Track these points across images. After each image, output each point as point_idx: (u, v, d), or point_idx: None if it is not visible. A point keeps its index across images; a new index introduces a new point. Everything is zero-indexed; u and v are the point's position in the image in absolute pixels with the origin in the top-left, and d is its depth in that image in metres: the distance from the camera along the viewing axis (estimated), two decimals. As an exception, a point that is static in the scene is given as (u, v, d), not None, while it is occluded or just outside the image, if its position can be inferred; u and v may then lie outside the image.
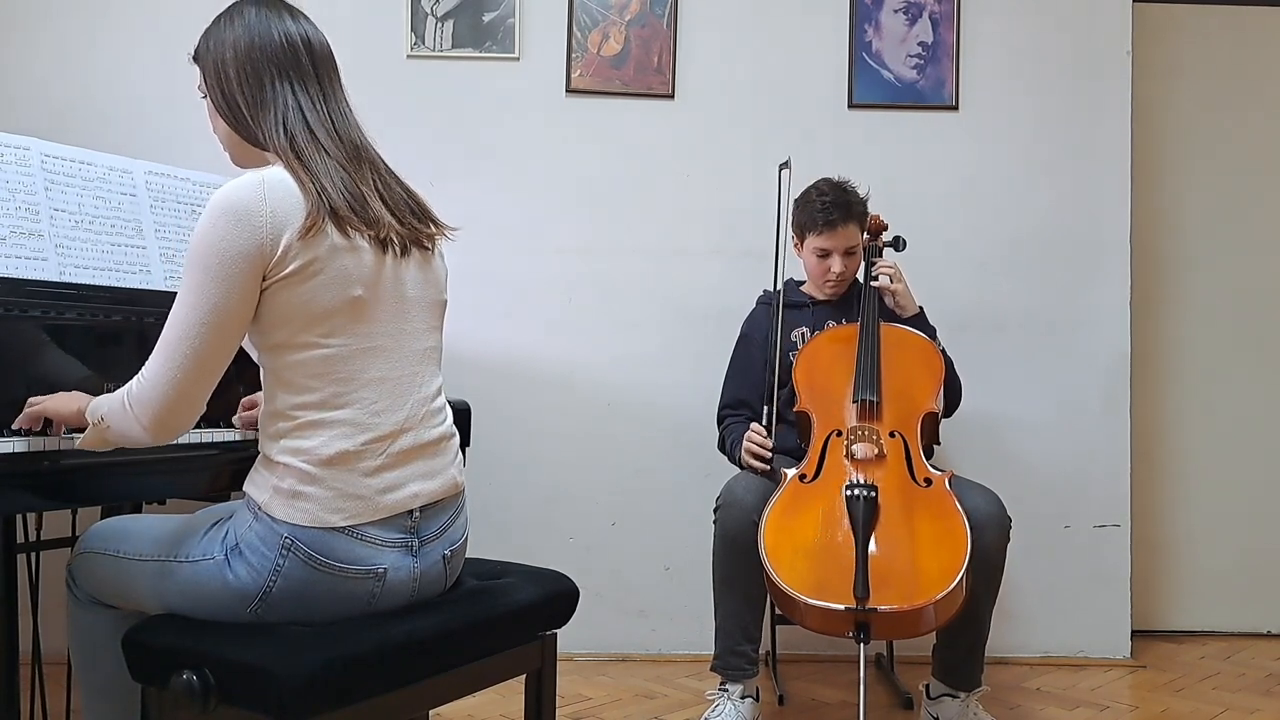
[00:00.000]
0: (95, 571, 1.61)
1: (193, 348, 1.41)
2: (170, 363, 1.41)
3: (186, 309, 1.42)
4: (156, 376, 1.41)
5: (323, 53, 1.60)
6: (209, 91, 1.59)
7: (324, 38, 1.62)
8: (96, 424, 1.46)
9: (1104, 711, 2.68)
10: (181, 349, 1.41)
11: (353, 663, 1.41)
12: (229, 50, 1.55)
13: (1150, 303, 3.36)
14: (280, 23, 1.57)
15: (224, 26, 1.57)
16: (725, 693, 2.40)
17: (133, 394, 1.43)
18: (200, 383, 1.43)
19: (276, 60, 1.54)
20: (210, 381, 1.45)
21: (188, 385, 1.41)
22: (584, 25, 3.11)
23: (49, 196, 1.85)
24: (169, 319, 1.43)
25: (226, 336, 1.43)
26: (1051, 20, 3.17)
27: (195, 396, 1.43)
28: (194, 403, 1.44)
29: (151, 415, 1.41)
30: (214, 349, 1.42)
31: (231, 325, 1.43)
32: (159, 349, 1.43)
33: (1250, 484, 3.40)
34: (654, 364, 2.89)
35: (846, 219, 2.58)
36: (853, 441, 2.33)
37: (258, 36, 1.55)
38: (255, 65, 1.54)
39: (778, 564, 2.13)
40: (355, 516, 1.47)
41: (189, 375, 1.41)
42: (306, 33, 1.59)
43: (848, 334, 2.51)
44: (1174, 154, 3.39)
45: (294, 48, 1.56)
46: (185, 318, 1.41)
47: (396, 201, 1.58)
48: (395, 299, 1.54)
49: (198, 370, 1.41)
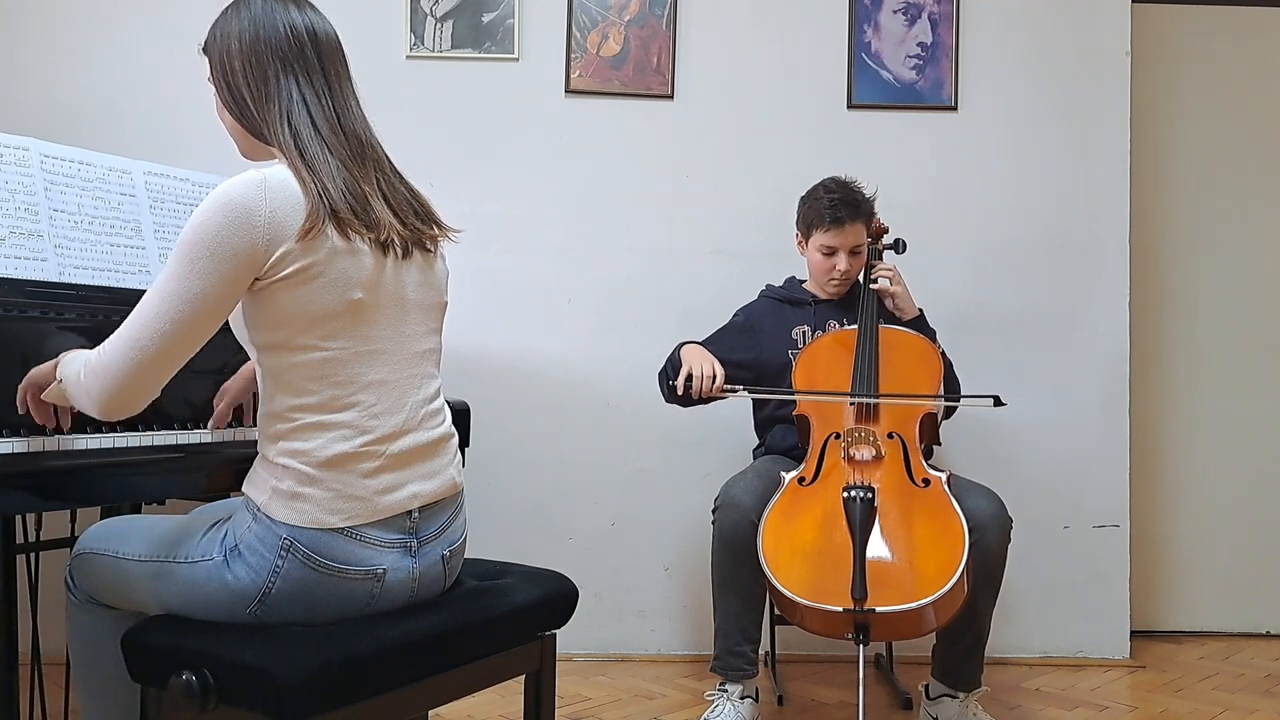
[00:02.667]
0: (94, 572, 1.61)
1: (161, 332, 1.38)
2: (134, 343, 1.39)
3: (164, 294, 1.39)
4: (117, 353, 1.40)
5: (329, 45, 1.58)
6: (215, 84, 1.57)
7: (332, 29, 1.60)
8: (61, 380, 1.48)
9: (1103, 712, 2.69)
10: (149, 331, 1.38)
11: (352, 663, 1.41)
12: (234, 42, 1.53)
13: (1149, 303, 3.36)
14: (286, 14, 1.55)
15: (231, 17, 1.56)
16: (725, 693, 2.40)
17: (90, 364, 1.42)
18: (159, 369, 1.41)
19: (281, 53, 1.52)
20: (169, 370, 1.43)
21: (145, 370, 1.39)
22: (583, 26, 3.11)
23: (48, 197, 1.85)
24: (144, 298, 1.41)
25: (198, 329, 1.41)
26: (1051, 20, 3.17)
27: (150, 382, 1.41)
28: (147, 387, 1.41)
29: (101, 389, 1.40)
30: (182, 338, 1.40)
31: (206, 319, 1.41)
32: (127, 325, 1.40)
33: (1249, 484, 3.40)
34: (654, 364, 2.86)
35: (854, 217, 2.58)
36: (851, 443, 2.34)
37: (263, 28, 1.53)
38: (260, 57, 1.52)
39: (777, 567, 2.13)
40: (354, 517, 1.47)
41: (149, 359, 1.39)
42: (313, 24, 1.57)
43: (847, 337, 2.51)
44: (1173, 154, 3.39)
45: (299, 40, 1.54)
46: (160, 302, 1.39)
47: (399, 202, 1.57)
48: (395, 302, 1.54)
49: (160, 356, 1.39)
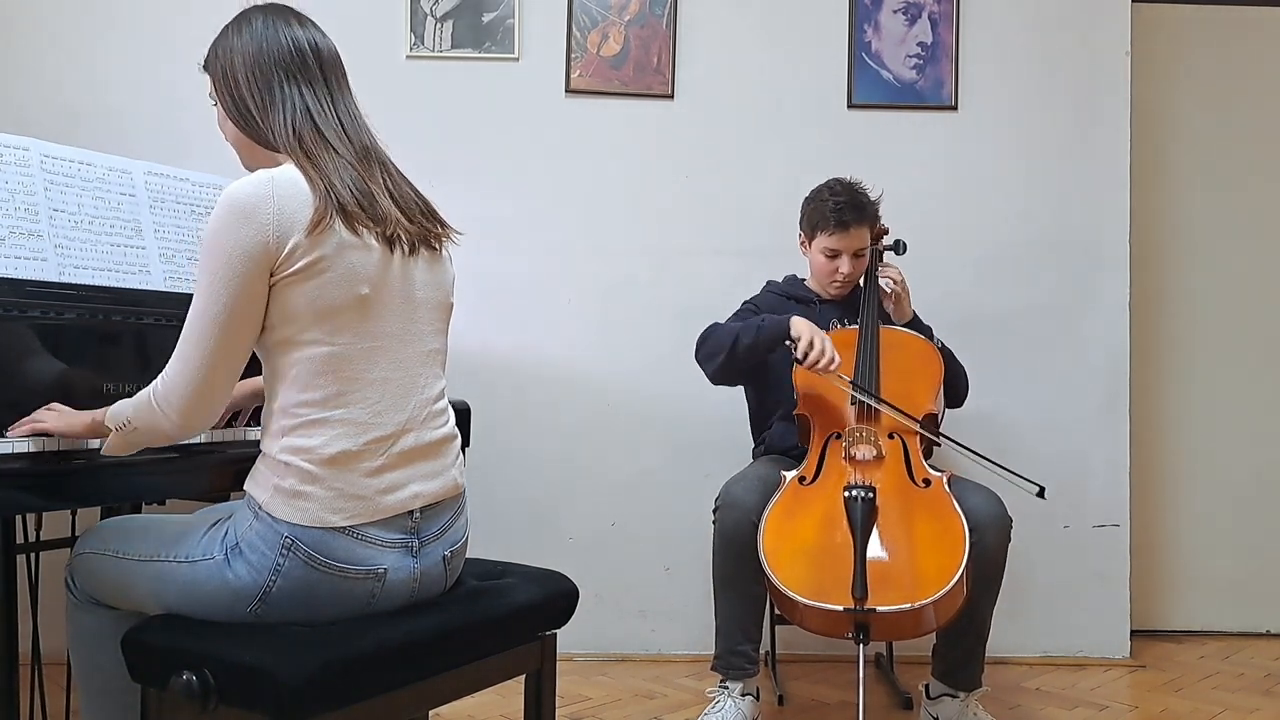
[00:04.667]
0: (94, 572, 1.61)
1: (210, 348, 1.44)
2: (190, 362, 1.45)
3: (200, 309, 1.45)
4: (180, 374, 1.45)
5: (331, 58, 1.62)
6: (219, 98, 1.61)
7: (332, 44, 1.64)
8: (121, 428, 1.48)
9: (1103, 711, 2.69)
10: (201, 349, 1.44)
11: (352, 663, 1.41)
12: (237, 56, 1.57)
13: (1149, 302, 3.36)
14: (289, 29, 1.59)
15: (232, 35, 1.60)
16: (725, 690, 2.40)
17: (158, 392, 1.47)
18: (221, 377, 1.47)
19: (284, 64, 1.56)
20: (232, 375, 1.49)
21: (209, 381, 1.45)
22: (583, 25, 3.11)
23: (48, 197, 1.85)
24: (187, 318, 1.47)
25: (239, 333, 1.46)
26: (1051, 20, 3.17)
27: (218, 390, 1.48)
28: (217, 396, 1.48)
29: (178, 410, 1.45)
30: (229, 346, 1.45)
31: (244, 323, 1.45)
32: (179, 348, 1.47)
33: (1249, 484, 3.40)
34: (654, 364, 2.88)
35: (859, 220, 2.58)
36: (851, 443, 2.34)
37: (266, 42, 1.57)
38: (264, 69, 1.56)
39: (777, 566, 2.13)
40: (356, 516, 1.47)
41: (211, 372, 1.45)
42: (314, 39, 1.61)
43: (847, 337, 2.51)
44: (1173, 154, 3.39)
45: (301, 53, 1.58)
46: (199, 318, 1.45)
47: (406, 200, 1.60)
48: (403, 299, 1.55)
49: (218, 367, 1.45)
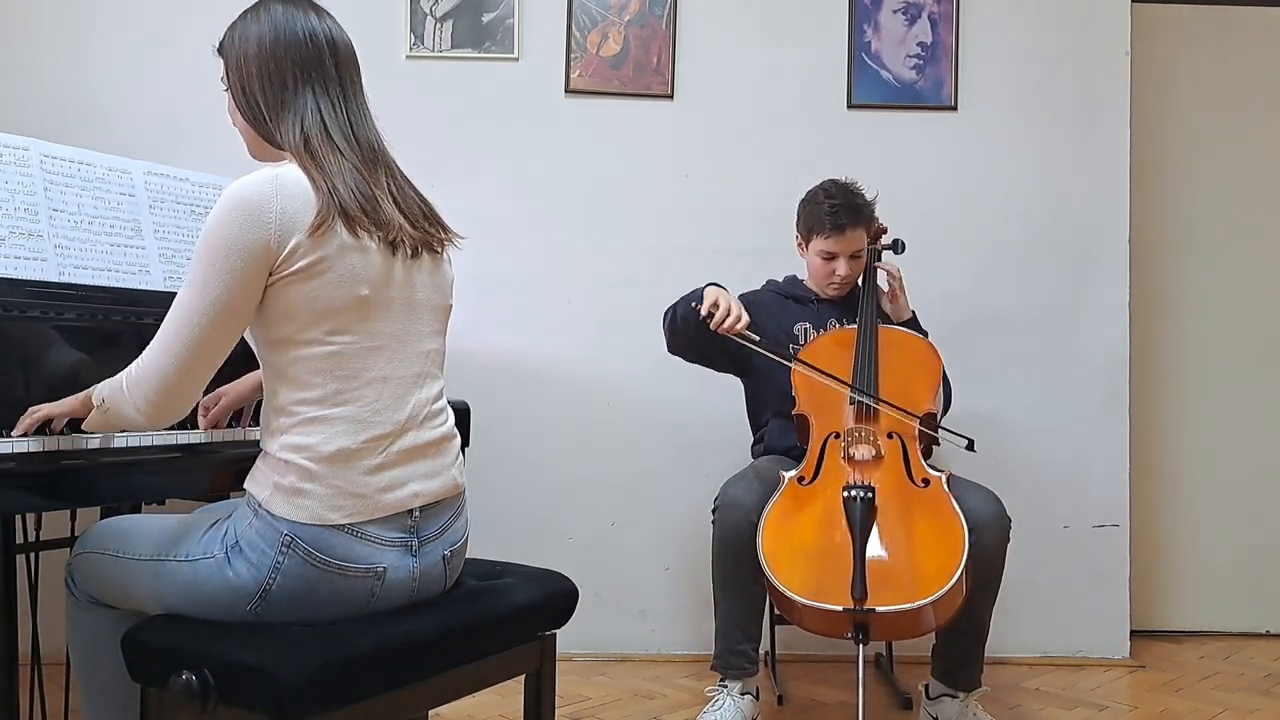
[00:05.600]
0: (94, 572, 1.61)
1: (192, 336, 1.42)
2: (169, 350, 1.43)
3: (189, 298, 1.44)
4: (155, 362, 1.44)
5: (346, 54, 1.60)
6: (230, 86, 1.58)
7: (348, 38, 1.62)
8: (99, 405, 1.49)
9: (1103, 711, 2.69)
10: (181, 337, 1.43)
11: (352, 663, 1.42)
12: (253, 45, 1.55)
13: (1149, 303, 3.36)
14: (306, 20, 1.57)
15: (250, 21, 1.57)
16: (725, 688, 2.40)
17: (130, 377, 1.46)
18: (196, 371, 1.45)
19: (300, 60, 1.54)
20: (207, 371, 1.47)
21: (184, 372, 1.43)
22: (583, 25, 3.11)
23: (48, 197, 1.85)
24: (173, 305, 1.45)
25: (227, 328, 1.44)
26: (1051, 20, 3.17)
27: (190, 384, 1.45)
28: (188, 391, 1.46)
29: (145, 399, 1.44)
30: (213, 339, 1.44)
31: (232, 318, 1.44)
32: (160, 335, 1.45)
33: (1249, 484, 3.40)
34: (654, 364, 2.87)
35: (855, 223, 2.58)
36: (851, 443, 2.34)
37: (284, 34, 1.55)
38: (279, 63, 1.54)
39: (776, 566, 2.13)
40: (355, 514, 1.47)
41: (186, 363, 1.43)
42: (331, 32, 1.59)
43: (846, 337, 2.51)
44: (1173, 154, 3.39)
45: (318, 47, 1.56)
46: (187, 306, 1.43)
47: (409, 205, 1.59)
48: (404, 301, 1.55)
49: (195, 359, 1.43)
